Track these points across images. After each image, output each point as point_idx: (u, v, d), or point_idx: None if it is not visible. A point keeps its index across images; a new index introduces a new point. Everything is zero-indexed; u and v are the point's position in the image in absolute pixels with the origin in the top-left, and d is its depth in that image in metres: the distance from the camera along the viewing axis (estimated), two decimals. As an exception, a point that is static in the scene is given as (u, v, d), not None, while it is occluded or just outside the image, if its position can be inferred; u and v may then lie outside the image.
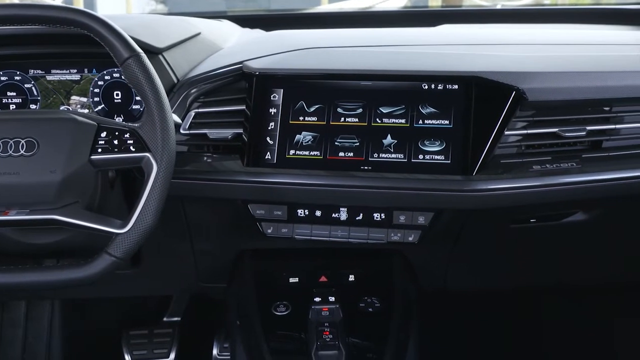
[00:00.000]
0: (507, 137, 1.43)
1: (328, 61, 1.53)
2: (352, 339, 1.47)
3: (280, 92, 1.45)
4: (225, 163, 1.47)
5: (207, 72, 1.50)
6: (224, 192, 1.47)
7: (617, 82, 1.45)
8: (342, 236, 1.52)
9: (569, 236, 1.65)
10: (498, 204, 1.42)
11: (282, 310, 1.54)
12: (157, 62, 1.47)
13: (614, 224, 1.62)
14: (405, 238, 1.50)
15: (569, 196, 1.44)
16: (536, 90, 1.41)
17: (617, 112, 1.46)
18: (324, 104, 1.44)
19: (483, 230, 1.61)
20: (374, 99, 1.43)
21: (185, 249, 1.69)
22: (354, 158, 1.42)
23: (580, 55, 1.57)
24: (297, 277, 1.63)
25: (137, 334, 2.18)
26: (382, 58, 1.54)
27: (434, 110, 1.42)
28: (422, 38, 1.74)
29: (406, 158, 1.41)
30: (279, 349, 1.47)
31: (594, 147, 1.47)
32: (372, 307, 1.54)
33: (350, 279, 1.62)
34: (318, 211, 1.50)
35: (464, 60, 1.50)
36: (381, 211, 1.48)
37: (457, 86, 1.41)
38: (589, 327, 2.30)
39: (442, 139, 1.41)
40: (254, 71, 1.46)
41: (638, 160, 1.45)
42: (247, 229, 1.54)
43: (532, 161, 1.44)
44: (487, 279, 1.86)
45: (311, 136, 1.44)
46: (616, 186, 1.43)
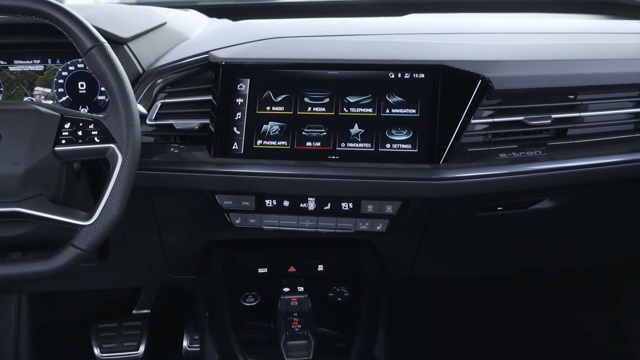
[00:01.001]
0: (473, 125, 1.44)
1: (295, 51, 1.52)
2: (321, 328, 1.47)
3: (247, 82, 1.45)
4: (192, 154, 1.46)
5: (173, 62, 1.49)
6: (191, 183, 1.46)
7: (581, 70, 1.46)
8: (310, 226, 1.52)
9: (536, 224, 1.67)
10: (465, 192, 1.43)
11: (251, 301, 1.53)
12: (121, 52, 1.45)
13: (580, 211, 1.64)
14: (373, 227, 1.51)
15: (535, 184, 1.45)
16: (502, 79, 1.41)
17: (582, 100, 1.47)
18: (291, 94, 1.44)
19: (450, 219, 1.62)
20: (341, 88, 1.43)
21: (153, 240, 1.68)
22: (321, 148, 1.42)
23: (545, 44, 1.58)
24: (265, 268, 1.62)
25: (106, 327, 2.16)
26: (349, 47, 1.54)
27: (400, 99, 1.42)
28: (390, 27, 1.74)
29: (373, 147, 1.41)
30: (248, 340, 1.47)
31: (559, 135, 1.49)
32: (340, 297, 1.54)
33: (319, 269, 1.63)
34: (286, 201, 1.49)
35: (431, 49, 1.50)
36: (349, 201, 1.48)
37: (423, 75, 1.41)
38: (556, 313, 2.33)
39: (409, 127, 1.41)
40: (220, 61, 1.45)
41: (602, 148, 1.47)
42: (215, 219, 1.54)
43: (499, 149, 1.45)
44: (455, 267, 1.88)
45: (278, 126, 1.43)
46: (581, 173, 1.45)
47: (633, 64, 1.50)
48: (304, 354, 1.40)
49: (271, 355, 1.43)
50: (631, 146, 1.49)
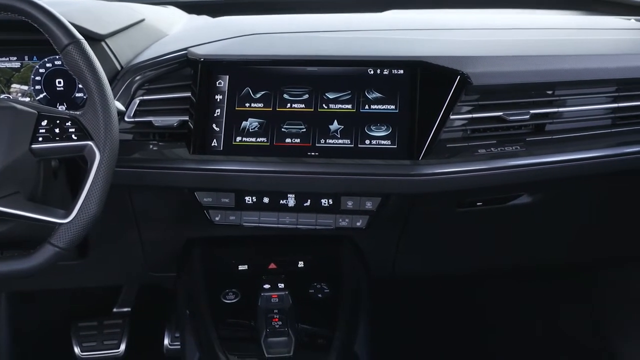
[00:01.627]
0: (452, 121, 1.44)
1: (274, 47, 1.52)
2: (302, 325, 1.47)
3: (226, 78, 1.44)
4: (171, 151, 1.45)
5: (152, 59, 1.48)
6: (170, 181, 1.46)
7: (559, 65, 1.47)
8: (290, 222, 1.52)
9: (515, 219, 1.68)
10: (444, 188, 1.43)
11: (231, 298, 1.53)
12: (99, 49, 1.44)
13: (558, 206, 1.65)
14: (353, 223, 1.51)
15: (514, 179, 1.46)
16: (480, 75, 1.42)
17: (560, 96, 1.48)
18: (270, 90, 1.43)
19: (430, 215, 1.62)
20: (320, 84, 1.43)
21: (132, 238, 1.67)
22: (300, 144, 1.42)
23: (524, 40, 1.58)
24: (246, 265, 1.62)
25: (87, 326, 2.16)
26: (328, 44, 1.54)
27: (380, 96, 1.42)
28: (369, 23, 1.74)
29: (353, 143, 1.41)
30: (229, 337, 1.47)
31: (537, 131, 1.49)
32: (321, 293, 1.54)
33: (300, 266, 1.63)
34: (266, 198, 1.49)
35: (410, 45, 1.51)
36: (329, 197, 1.48)
37: (402, 71, 1.41)
38: (534, 308, 2.34)
39: (389, 124, 1.41)
40: (199, 57, 1.45)
41: (580, 143, 1.48)
42: (195, 217, 1.53)
43: (478, 145, 1.45)
44: (435, 263, 1.88)
45: (258, 122, 1.43)
46: (559, 168, 1.46)
47: (610, 59, 1.51)
48: (285, 351, 1.40)
49: (252, 352, 1.43)
50: (608, 141, 1.50)
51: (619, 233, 1.84)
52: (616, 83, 1.51)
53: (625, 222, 1.79)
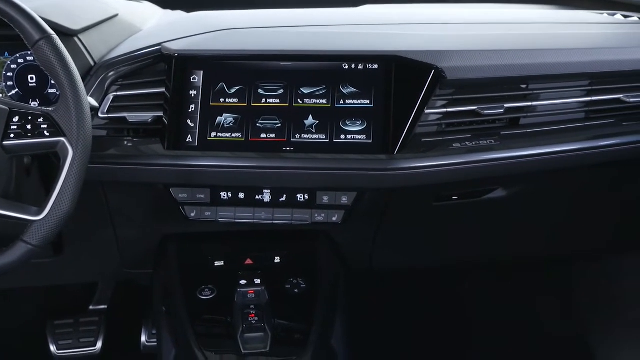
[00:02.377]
0: (427, 115, 1.44)
1: (248, 42, 1.52)
2: (278, 320, 1.47)
3: (200, 73, 1.43)
4: (146, 147, 1.45)
5: (125, 54, 1.47)
6: (144, 177, 1.45)
7: (533, 60, 1.47)
8: (266, 218, 1.52)
9: (490, 213, 1.69)
10: (419, 182, 1.43)
11: (207, 294, 1.52)
12: (72, 45, 1.43)
13: (533, 199, 1.66)
14: (329, 218, 1.51)
15: (489, 173, 1.47)
16: (455, 69, 1.42)
17: (534, 90, 1.49)
18: (245, 85, 1.43)
19: (406, 209, 1.63)
20: (295, 79, 1.43)
21: (108, 235, 1.66)
22: (276, 139, 1.42)
23: (498, 34, 1.59)
24: (222, 261, 1.62)
25: (63, 324, 2.13)
26: (302, 38, 1.54)
27: (354, 90, 1.42)
28: (344, 18, 1.74)
29: (328, 138, 1.41)
30: (205, 333, 1.46)
31: (512, 124, 1.50)
32: (297, 288, 1.54)
33: (276, 261, 1.62)
34: (241, 193, 1.49)
35: (384, 40, 1.51)
36: (304, 192, 1.48)
37: (377, 66, 1.42)
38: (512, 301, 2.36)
39: (364, 118, 1.41)
40: (173, 53, 1.44)
41: (553, 137, 1.49)
42: (170, 213, 1.53)
43: (453, 139, 1.46)
44: (412, 257, 1.89)
45: (232, 118, 1.42)
46: (533, 162, 1.47)
47: (583, 53, 1.52)
48: (261, 346, 1.40)
49: (228, 348, 1.42)
50: (582, 135, 1.51)
51: (592, 226, 1.85)
52: (589, 77, 1.52)
53: (598, 215, 1.80)
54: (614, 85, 1.54)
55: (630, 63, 1.53)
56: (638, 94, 1.54)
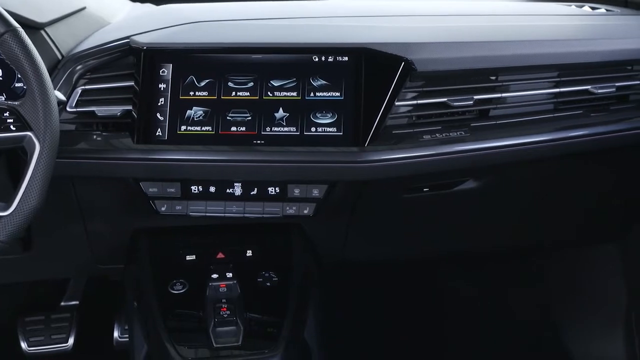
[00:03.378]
0: (397, 107, 1.44)
1: (218, 35, 1.51)
2: (250, 314, 1.46)
3: (170, 67, 1.42)
4: (115, 141, 1.43)
5: (93, 48, 1.46)
6: (114, 171, 1.44)
7: (501, 51, 1.48)
8: (237, 211, 1.51)
9: (462, 204, 1.69)
10: (390, 174, 1.44)
11: (179, 289, 1.52)
12: (38, 38, 1.41)
13: (503, 191, 1.67)
14: (300, 211, 1.51)
15: (459, 164, 1.47)
16: (425, 61, 1.42)
17: (503, 81, 1.50)
18: (215, 79, 1.42)
19: (377, 202, 1.63)
20: (265, 72, 1.42)
21: (78, 230, 1.64)
22: (246, 132, 1.41)
23: (467, 26, 1.60)
24: (194, 255, 1.61)
25: (33, 320, 2.11)
26: (272, 31, 1.53)
27: (324, 83, 1.42)
28: (313, 10, 1.74)
29: (299, 131, 1.41)
30: (177, 328, 1.46)
31: (481, 116, 1.51)
32: (269, 282, 1.54)
33: (248, 255, 1.62)
34: (212, 187, 1.48)
35: (354, 32, 1.51)
36: (275, 185, 1.48)
37: (347, 58, 1.42)
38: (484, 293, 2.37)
39: (334, 111, 1.41)
40: (142, 46, 1.43)
41: (523, 128, 1.50)
42: (141, 207, 1.52)
43: (423, 131, 1.46)
44: (385, 249, 1.89)
45: (202, 111, 1.42)
46: (503, 153, 1.48)
47: (551, 45, 1.53)
48: (233, 340, 1.40)
49: (200, 342, 1.42)
50: (551, 126, 1.52)
51: (563, 217, 1.87)
52: (557, 68, 1.53)
53: (568, 206, 1.82)
54: (582, 77, 1.55)
55: (598, 54, 1.55)
56: (605, 85, 1.55)
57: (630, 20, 1.73)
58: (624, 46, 1.58)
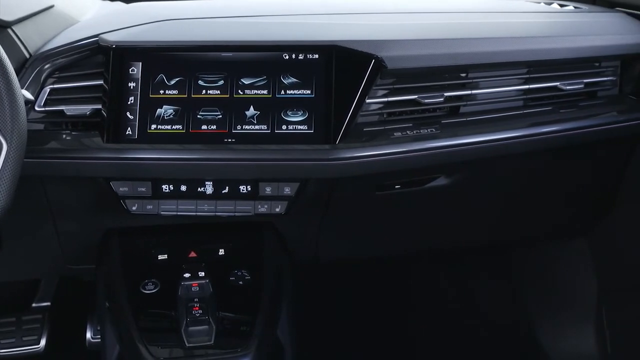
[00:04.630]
0: (368, 105, 1.45)
1: (187, 33, 1.50)
2: (223, 313, 1.46)
3: (139, 65, 1.42)
4: (85, 140, 1.42)
5: (62, 46, 1.44)
6: (84, 171, 1.42)
7: (471, 48, 1.49)
8: (209, 210, 1.51)
9: (434, 201, 1.70)
10: (361, 172, 1.44)
11: (150, 289, 1.51)
12: (5, 36, 1.39)
13: (475, 187, 1.68)
14: (272, 209, 1.51)
15: (430, 161, 1.48)
16: (395, 58, 1.43)
17: (473, 78, 1.51)
18: (185, 77, 1.42)
19: (349, 199, 1.63)
20: (235, 70, 1.42)
21: (48, 230, 1.63)
22: (217, 131, 1.41)
23: (437, 23, 1.60)
24: (166, 254, 1.60)
25: (4, 322, 2.09)
26: (243, 29, 1.52)
27: (295, 81, 1.42)
28: (285, 8, 1.73)
29: (270, 129, 1.41)
30: (149, 328, 1.45)
31: (452, 113, 1.52)
32: (242, 280, 1.54)
33: (220, 253, 1.61)
34: (183, 186, 1.47)
35: (325, 30, 1.51)
36: (247, 183, 1.47)
37: (317, 56, 1.42)
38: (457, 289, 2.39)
39: (305, 109, 1.41)
40: (111, 44, 1.42)
41: (493, 124, 1.51)
42: (112, 207, 1.50)
43: (394, 128, 1.46)
44: (358, 247, 1.89)
45: (173, 110, 1.41)
46: (473, 149, 1.49)
47: (520, 42, 1.54)
48: (205, 339, 1.39)
49: (172, 342, 1.41)
50: (521, 122, 1.53)
51: (534, 213, 1.88)
52: (527, 65, 1.54)
53: (539, 202, 1.83)
54: (550, 73, 1.57)
55: (566, 51, 1.56)
56: (574, 82, 1.57)
57: (598, 18, 1.74)
58: (592, 43, 1.59)
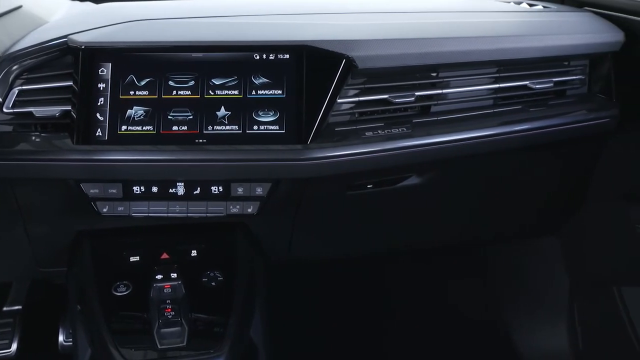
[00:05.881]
0: (340, 105, 1.45)
1: (158, 33, 1.49)
2: (195, 314, 1.45)
3: (109, 66, 1.41)
4: (54, 142, 1.41)
5: (30, 47, 1.43)
6: (54, 172, 1.41)
7: (441, 48, 1.50)
8: (180, 211, 1.50)
9: (406, 200, 1.71)
10: (333, 171, 1.44)
11: (122, 291, 1.50)
12: (-28, 38, 1.38)
13: (447, 186, 1.69)
14: (244, 210, 1.50)
15: (401, 160, 1.49)
16: (366, 58, 1.43)
17: (443, 78, 1.52)
18: (155, 78, 1.41)
19: (322, 199, 1.63)
20: (206, 70, 1.41)
21: (18, 233, 1.61)
22: (188, 132, 1.40)
23: (408, 23, 1.61)
24: (137, 256, 1.59)
25: (-25, 327, 2.07)
26: (213, 29, 1.52)
27: (266, 81, 1.41)
28: (255, 8, 1.73)
29: (241, 129, 1.40)
30: (121, 330, 1.44)
31: (423, 112, 1.53)
32: (214, 281, 1.53)
33: (193, 254, 1.61)
34: (154, 187, 1.47)
35: (295, 30, 1.50)
36: (219, 184, 1.47)
37: (288, 56, 1.41)
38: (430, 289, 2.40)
39: (276, 109, 1.41)
40: (80, 45, 1.40)
41: (464, 124, 1.53)
42: (82, 209, 1.49)
43: (365, 128, 1.47)
44: (331, 247, 1.90)
45: (143, 111, 1.40)
46: (445, 148, 1.50)
47: (490, 41, 1.55)
48: (178, 341, 1.39)
49: (144, 344, 1.40)
50: (491, 121, 1.55)
51: (506, 211, 1.90)
52: (497, 64, 1.56)
53: (510, 201, 1.85)
54: (520, 72, 1.58)
55: (536, 50, 1.57)
56: (543, 81, 1.59)
57: (567, 17, 1.76)
58: (561, 42, 1.61)
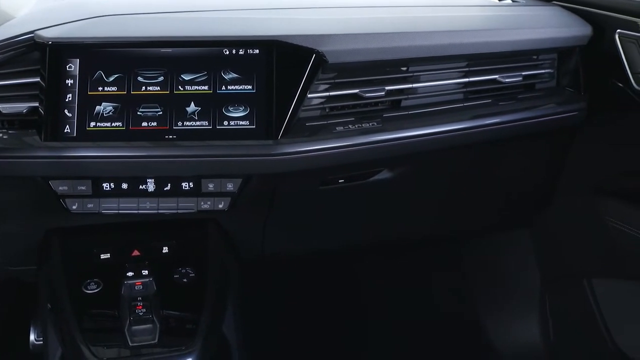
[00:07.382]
0: (310, 100, 1.45)
1: (126, 28, 1.47)
2: (167, 311, 1.44)
3: (77, 62, 1.39)
4: (22, 139, 1.39)
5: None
6: (21, 170, 1.40)
7: (411, 42, 1.50)
8: (151, 208, 1.49)
9: (378, 194, 1.71)
10: (304, 166, 1.44)
11: (93, 288, 1.49)
12: (-63, 34, 1.36)
13: (418, 180, 1.70)
14: (215, 206, 1.50)
15: (372, 155, 1.49)
16: (336, 53, 1.43)
17: (414, 72, 1.52)
18: (124, 73, 1.40)
19: (294, 194, 1.63)
20: (175, 66, 1.40)
21: None
22: (157, 127, 1.39)
23: (378, 17, 1.61)
24: (108, 253, 1.58)
25: (-57, 327, 2.05)
26: (182, 24, 1.51)
27: (236, 76, 1.41)
28: (224, 3, 1.72)
29: (211, 125, 1.40)
30: (92, 328, 1.43)
31: (393, 107, 1.53)
32: (186, 278, 1.52)
33: (164, 251, 1.60)
34: (124, 184, 1.46)
35: (265, 25, 1.50)
36: (189, 180, 1.46)
37: (258, 51, 1.41)
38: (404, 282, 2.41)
39: (246, 104, 1.40)
40: (47, 41, 1.39)
41: (434, 118, 1.53)
42: (51, 206, 1.48)
43: (336, 122, 1.47)
44: (304, 242, 1.90)
45: (112, 107, 1.39)
46: (415, 142, 1.50)
47: (460, 35, 1.55)
48: (149, 338, 1.38)
49: (116, 342, 1.39)
50: (461, 115, 1.56)
51: (477, 205, 1.91)
52: (466, 58, 1.56)
53: (482, 194, 1.86)
54: (489, 67, 1.59)
55: (504, 44, 1.58)
56: (512, 75, 1.60)
57: (535, 11, 1.77)
58: (530, 36, 1.62)
